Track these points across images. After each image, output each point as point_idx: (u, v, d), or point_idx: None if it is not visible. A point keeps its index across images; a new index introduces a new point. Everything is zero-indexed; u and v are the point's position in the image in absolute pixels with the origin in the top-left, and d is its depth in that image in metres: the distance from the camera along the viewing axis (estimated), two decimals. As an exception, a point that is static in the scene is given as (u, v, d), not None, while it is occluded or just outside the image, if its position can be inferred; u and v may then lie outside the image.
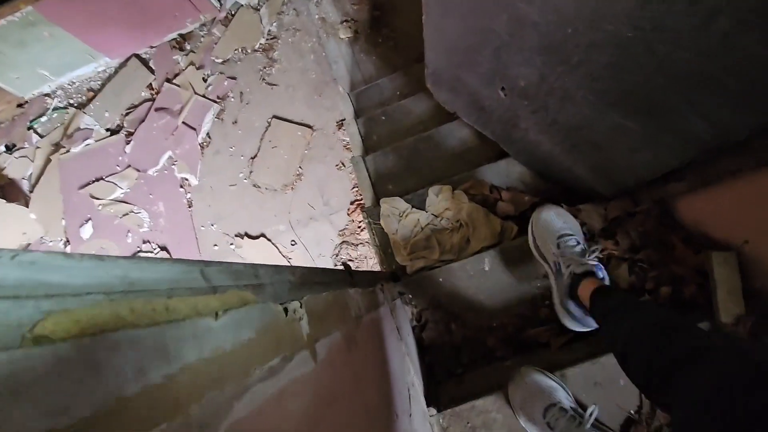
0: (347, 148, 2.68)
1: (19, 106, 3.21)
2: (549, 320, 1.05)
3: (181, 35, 3.09)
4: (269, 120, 2.83)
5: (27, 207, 2.95)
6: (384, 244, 1.46)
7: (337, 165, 2.67)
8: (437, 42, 1.27)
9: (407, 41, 2.72)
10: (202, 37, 3.07)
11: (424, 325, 1.11)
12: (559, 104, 0.91)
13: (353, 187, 2.62)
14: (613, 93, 0.72)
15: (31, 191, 3.04)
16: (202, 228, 2.77)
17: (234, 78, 2.94)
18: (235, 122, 2.88)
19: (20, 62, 2.85)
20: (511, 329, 1.11)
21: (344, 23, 2.84)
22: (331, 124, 2.74)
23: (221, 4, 3.03)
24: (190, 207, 2.81)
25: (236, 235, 2.70)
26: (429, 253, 1.37)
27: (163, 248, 2.76)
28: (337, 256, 2.57)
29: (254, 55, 2.95)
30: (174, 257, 2.71)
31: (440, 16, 1.15)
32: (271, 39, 2.95)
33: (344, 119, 2.70)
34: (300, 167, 2.72)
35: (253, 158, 2.80)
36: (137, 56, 3.12)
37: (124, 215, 2.85)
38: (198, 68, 2.99)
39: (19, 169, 3.11)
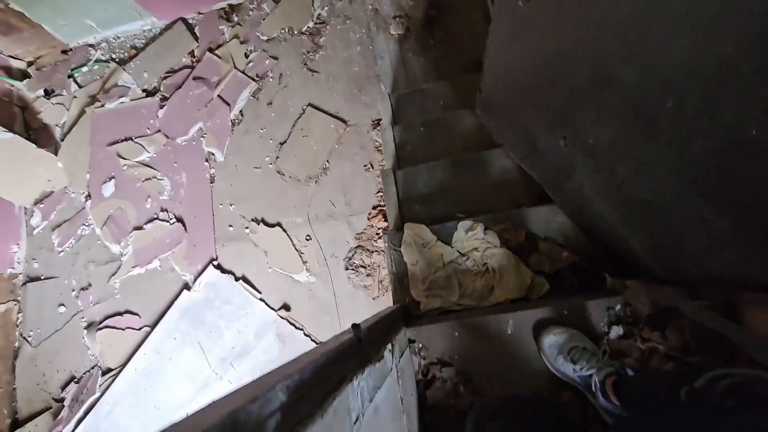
0: (379, 150, 2.57)
1: (63, 52, 3.21)
2: (572, 406, 0.94)
3: (230, 5, 3.01)
4: (304, 107, 2.74)
5: (56, 155, 2.97)
6: (401, 274, 1.36)
7: (365, 165, 2.57)
8: (499, 71, 1.15)
9: (460, 47, 2.56)
10: (251, 10, 2.98)
11: (430, 382, 1.01)
12: (631, 174, 0.78)
13: (378, 192, 2.51)
14: (711, 186, 0.60)
15: (62, 139, 3.05)
16: (220, 206, 2.72)
17: (276, 58, 2.85)
18: (270, 103, 2.80)
19: (69, 10, 2.82)
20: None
21: (397, 18, 2.70)
22: (366, 122, 2.63)
23: (275, -20, 2.93)
24: (211, 182, 2.76)
25: (252, 220, 2.65)
26: (448, 293, 1.26)
27: (179, 220, 2.73)
28: (350, 260, 2.48)
29: (300, 37, 2.85)
30: (188, 231, 2.68)
31: (508, 46, 1.02)
32: (320, 24, 2.83)
33: (381, 120, 2.58)
34: (327, 161, 2.63)
35: (281, 144, 2.72)
36: (184, 20, 3.06)
37: (146, 179, 2.83)
38: (242, 42, 2.91)
39: (54, 115, 3.12)
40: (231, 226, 2.67)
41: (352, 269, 2.47)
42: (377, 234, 2.47)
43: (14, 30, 2.92)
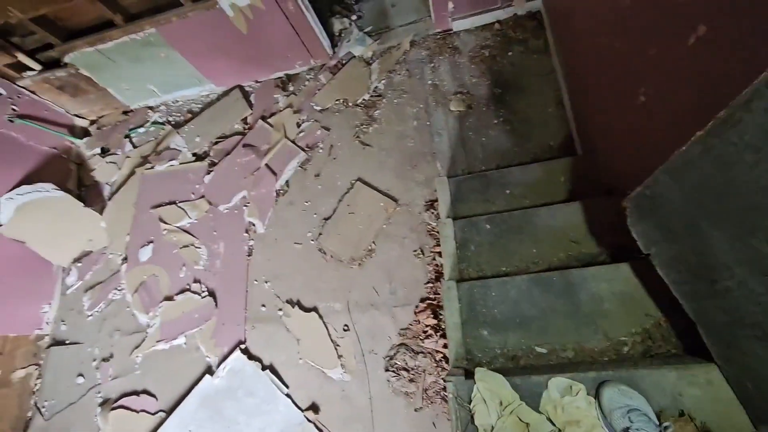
0: (431, 234, 2.31)
1: (124, 113, 3.29)
2: None
3: (287, 75, 3.00)
4: (353, 181, 2.57)
5: (101, 214, 2.93)
6: (469, 439, 1.04)
7: (415, 251, 2.31)
8: (687, 173, 0.89)
9: (527, 130, 2.34)
10: (307, 81, 2.94)
11: None
12: None
13: (427, 282, 2.23)
14: None
15: (109, 198, 3.04)
16: (255, 282, 2.52)
17: (328, 129, 2.75)
18: (318, 175, 2.66)
19: (133, 75, 2.89)
20: None
21: (458, 95, 2.54)
22: (419, 202, 2.41)
23: (334, 52, 2.90)
24: (249, 255, 2.59)
25: (287, 301, 2.41)
26: (536, 485, 0.92)
27: (212, 293, 2.55)
28: (391, 359, 2.16)
29: (354, 109, 2.74)
30: (219, 306, 2.48)
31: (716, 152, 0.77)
32: (376, 96, 2.73)
33: (434, 201, 2.35)
34: (373, 242, 2.39)
35: (326, 219, 2.53)
36: (241, 88, 3.06)
37: (183, 246, 2.71)
38: (295, 111, 2.85)
39: (105, 173, 3.14)
40: (264, 306, 2.45)
41: (393, 371, 2.15)
42: (424, 332, 2.16)
43: (81, 92, 3.02)
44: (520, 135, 2.35)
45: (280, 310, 2.40)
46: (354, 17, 2.98)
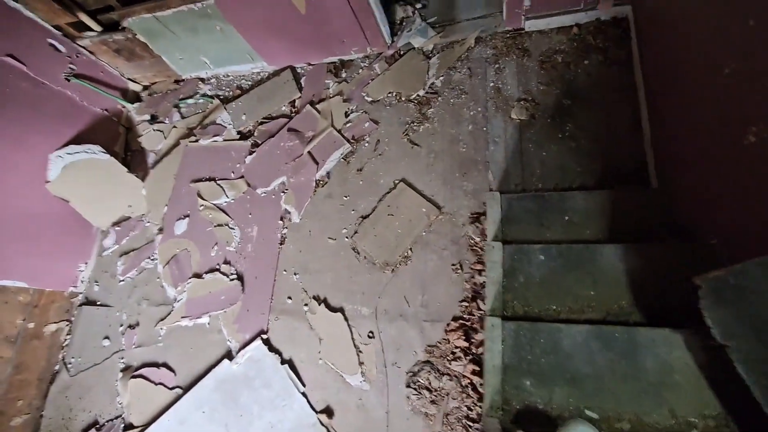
0: (472, 249, 2.16)
1: (176, 82, 3.28)
2: None
3: (341, 61, 2.87)
4: (396, 181, 2.43)
5: (143, 181, 2.95)
6: None
7: (454, 265, 2.16)
8: None
9: (596, 149, 2.12)
10: (361, 69, 2.80)
11: None
12: None
13: (463, 300, 2.09)
14: None
15: (152, 167, 3.05)
16: (284, 272, 2.46)
17: (377, 123, 2.61)
18: (360, 170, 2.54)
19: (188, 46, 2.85)
20: None
21: (522, 102, 2.34)
22: (464, 213, 2.25)
23: (393, 41, 2.74)
24: (281, 244, 2.53)
25: (314, 297, 2.34)
26: None
27: (240, 277, 2.51)
28: (414, 375, 2.05)
29: (407, 105, 2.59)
30: (245, 292, 2.44)
31: None
32: (431, 93, 2.56)
33: (480, 214, 2.19)
34: (410, 249, 2.27)
35: (363, 217, 2.42)
36: (293, 69, 2.97)
37: (218, 225, 2.68)
38: (345, 100, 2.73)
39: (152, 141, 3.15)
40: (290, 298, 2.39)
41: (415, 389, 2.04)
42: (452, 354, 2.03)
43: (137, 57, 3.02)
44: (586, 154, 2.13)
45: (306, 305, 2.33)
46: (418, 5, 2.80)
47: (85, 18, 2.67)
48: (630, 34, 2.23)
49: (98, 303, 2.79)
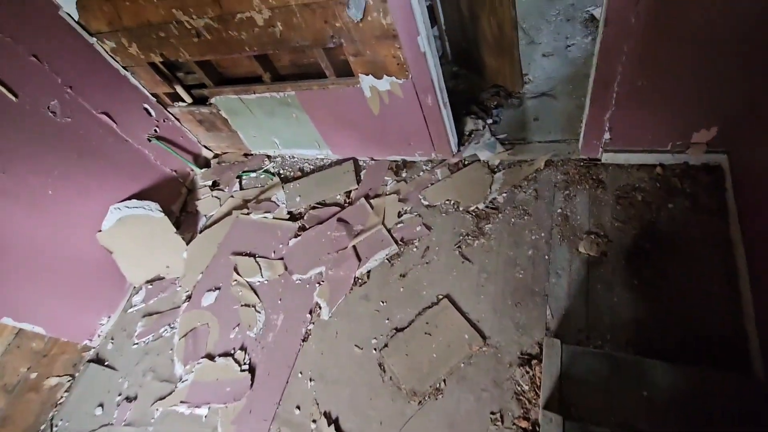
0: (519, 399, 1.81)
1: (244, 155, 3.43)
2: None
3: (404, 161, 2.86)
4: (440, 297, 2.21)
5: (187, 244, 2.95)
6: None
7: (493, 413, 1.81)
8: None
9: (679, 306, 1.80)
10: (422, 171, 2.76)
11: None
12: None
13: (500, 462, 1.70)
14: None
15: (200, 231, 3.07)
16: (300, 375, 2.20)
17: (429, 228, 2.48)
18: (404, 276, 2.36)
19: (262, 126, 3.00)
20: None
21: (592, 236, 2.11)
22: (512, 350, 1.94)
23: (459, 151, 2.71)
24: (304, 340, 2.31)
25: (325, 414, 2.03)
26: None
27: (252, 369, 2.28)
28: None
29: (464, 216, 2.45)
30: (254, 387, 2.18)
31: None
32: (492, 209, 2.42)
33: (533, 358, 1.87)
34: (444, 381, 1.95)
35: (397, 330, 2.17)
36: (355, 161, 3.00)
37: (244, 305, 2.54)
38: (400, 200, 2.65)
39: (208, 206, 3.22)
40: (299, 408, 2.10)
41: None
42: None
43: (216, 129, 3.22)
44: (668, 311, 1.81)
45: (314, 422, 2.02)
46: (489, 121, 2.80)
47: (180, 91, 2.91)
48: (724, 184, 2.01)
49: (106, 363, 2.64)
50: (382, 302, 2.30)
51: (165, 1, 2.15)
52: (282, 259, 2.67)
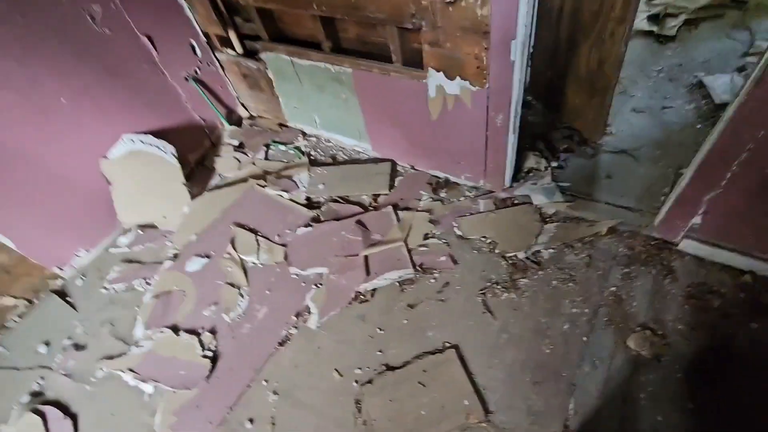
0: (509, 502, 1.45)
1: (279, 125, 3.17)
2: None
3: (447, 179, 2.54)
4: (447, 345, 1.87)
5: (191, 199, 2.69)
6: None
7: None
8: None
9: (744, 459, 1.42)
10: (463, 197, 2.44)
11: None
12: None
13: None
14: None
15: (209, 189, 2.81)
16: (264, 383, 1.90)
17: (455, 262, 2.15)
18: (412, 307, 2.03)
19: (307, 99, 2.74)
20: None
21: (646, 331, 1.75)
22: (517, 437, 1.59)
23: (511, 186, 2.37)
24: (281, 344, 2.01)
25: (278, 440, 1.72)
26: None
27: (214, 359, 1.98)
28: None
29: (498, 260, 2.11)
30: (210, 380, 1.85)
31: None
32: (533, 262, 2.07)
33: (542, 458, 1.52)
34: (426, 447, 1.61)
35: (388, 368, 1.85)
36: (393, 164, 2.69)
37: (229, 284, 2.25)
38: (431, 221, 2.33)
39: (226, 165, 2.96)
40: (251, 421, 1.79)
41: None
42: None
43: (258, 88, 2.97)
44: (727, 457, 1.43)
45: (264, 444, 1.71)
46: (554, 164, 2.46)
47: (233, 37, 2.67)
48: (831, 320, 1.62)
49: (67, 299, 2.39)
50: (380, 329, 1.98)
51: (243, -71, 1.90)
52: (285, 246, 2.38)
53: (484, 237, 2.22)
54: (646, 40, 3.15)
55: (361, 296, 2.12)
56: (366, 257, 2.22)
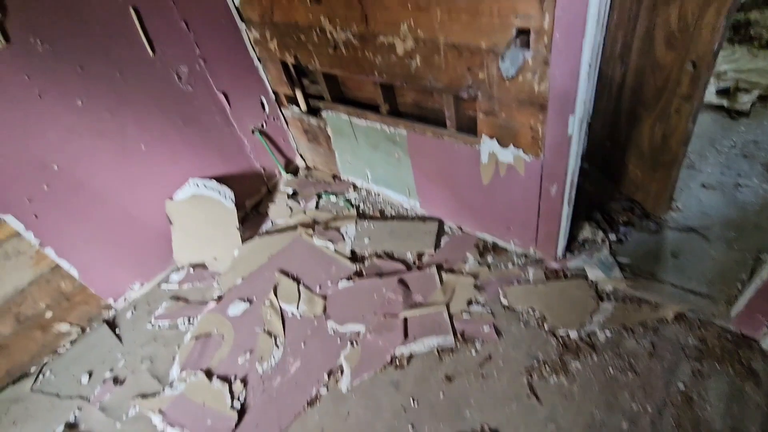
0: None
1: (333, 177, 3.29)
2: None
3: (494, 244, 2.46)
4: (486, 429, 1.70)
5: (242, 242, 2.79)
6: None
7: None
8: None
9: None
10: (512, 264, 2.33)
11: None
12: None
13: None
14: None
15: (260, 234, 2.91)
16: (288, 444, 1.81)
17: (499, 334, 2.02)
18: (450, 379, 1.90)
19: (361, 155, 2.83)
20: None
21: (724, 443, 1.49)
22: None
23: (564, 257, 2.24)
24: (309, 404, 1.93)
25: None
26: None
27: (242, 411, 1.94)
28: None
29: (548, 338, 1.96)
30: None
31: None
32: (587, 344, 1.89)
33: None
34: None
35: (419, 446, 1.70)
36: (441, 224, 2.66)
37: (266, 332, 2.25)
38: (476, 287, 2.24)
39: (277, 212, 3.08)
40: (271, 487, 1.69)
41: None
42: None
43: (316, 142, 3.13)
44: None
45: None
46: (612, 237, 2.32)
47: (299, 96, 2.88)
48: None
49: (116, 331, 2.49)
50: (414, 400, 1.86)
51: (317, 6, 2.09)
52: (325, 298, 2.37)
53: (532, 309, 2.09)
54: (716, 114, 3.01)
55: (397, 361, 2.02)
56: (405, 319, 2.14)
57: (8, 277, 2.17)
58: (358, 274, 2.47)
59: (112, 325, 2.53)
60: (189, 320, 2.44)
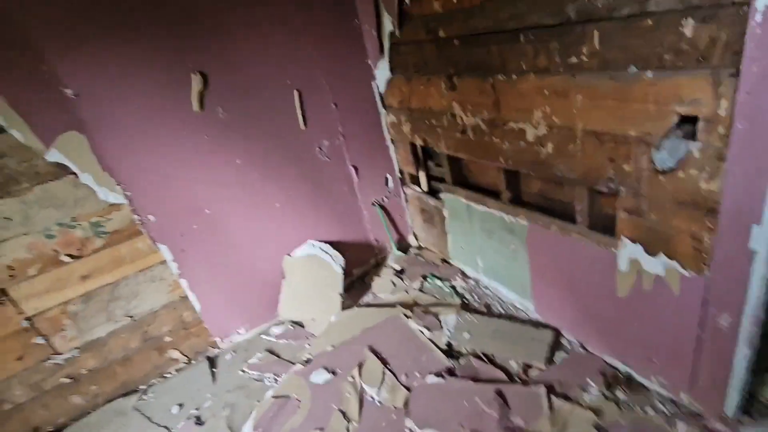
0: None
1: (442, 260, 3.16)
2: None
3: (629, 375, 1.95)
4: None
5: (342, 309, 2.78)
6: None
7: None
8: None
9: None
10: (650, 407, 1.78)
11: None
12: None
13: None
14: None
15: (359, 305, 2.88)
16: None
17: (626, 506, 1.47)
18: None
19: (474, 241, 2.68)
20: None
21: None
22: None
23: (733, 417, 1.63)
24: None
25: None
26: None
27: (295, 496, 1.74)
28: None
29: None
30: None
31: None
32: None
33: None
34: None
35: None
36: (557, 334, 2.26)
37: (341, 412, 2.08)
38: (597, 427, 1.75)
39: (381, 286, 3.04)
40: None
41: None
42: None
43: (431, 224, 3.11)
44: None
45: None
46: (821, 408, 1.62)
47: (422, 177, 2.94)
48: None
49: (214, 370, 2.61)
50: None
51: (452, 93, 2.17)
52: (409, 390, 2.13)
53: (680, 483, 1.51)
54: None
55: (479, 496, 1.62)
56: (497, 443, 1.76)
57: (148, 298, 2.50)
58: (451, 372, 2.19)
59: (212, 362, 2.67)
60: (275, 376, 2.43)
